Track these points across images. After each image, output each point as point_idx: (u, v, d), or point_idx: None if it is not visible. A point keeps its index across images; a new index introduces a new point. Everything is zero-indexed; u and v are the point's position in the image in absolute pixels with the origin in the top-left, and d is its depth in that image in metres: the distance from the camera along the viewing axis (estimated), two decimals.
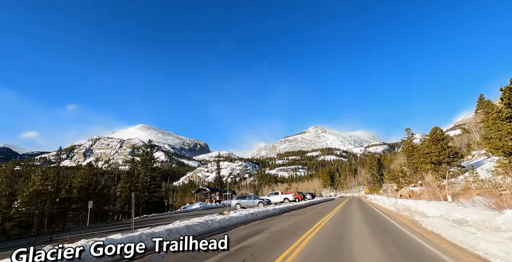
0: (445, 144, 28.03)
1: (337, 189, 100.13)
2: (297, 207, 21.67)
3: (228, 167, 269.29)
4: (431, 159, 27.97)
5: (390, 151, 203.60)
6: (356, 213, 15.26)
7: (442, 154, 27.27)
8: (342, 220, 11.60)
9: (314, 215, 13.97)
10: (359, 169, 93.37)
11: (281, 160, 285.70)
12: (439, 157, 27.42)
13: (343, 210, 18.08)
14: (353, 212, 15.72)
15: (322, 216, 13.08)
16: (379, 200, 30.09)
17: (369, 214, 14.44)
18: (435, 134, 28.86)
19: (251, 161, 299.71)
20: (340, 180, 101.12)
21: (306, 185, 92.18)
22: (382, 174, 61.42)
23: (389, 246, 5.81)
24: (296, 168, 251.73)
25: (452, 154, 27.24)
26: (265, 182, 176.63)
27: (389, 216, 12.62)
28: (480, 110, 59.53)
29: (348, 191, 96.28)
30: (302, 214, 16.01)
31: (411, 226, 8.87)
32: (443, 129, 31.80)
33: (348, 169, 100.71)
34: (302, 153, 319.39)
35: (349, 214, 14.26)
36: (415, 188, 29.33)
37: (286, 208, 19.10)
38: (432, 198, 15.41)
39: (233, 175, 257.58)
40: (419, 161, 32.61)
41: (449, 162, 27.00)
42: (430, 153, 28.24)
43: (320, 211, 18.11)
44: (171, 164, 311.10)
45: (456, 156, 27.20)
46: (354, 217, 12.67)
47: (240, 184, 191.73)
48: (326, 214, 14.56)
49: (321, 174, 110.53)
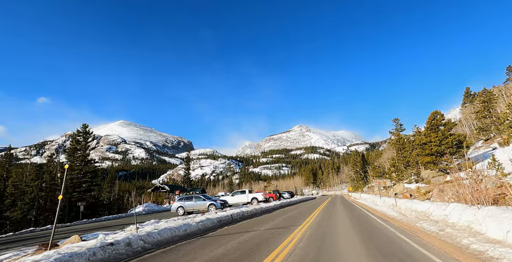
0: (447, 131, 22.88)
1: (320, 187, 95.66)
2: (260, 212, 15.43)
3: (211, 165, 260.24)
4: (430, 149, 22.71)
5: (372, 150, 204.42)
6: (344, 223, 9.13)
7: (443, 143, 22.05)
8: (321, 242, 5.42)
9: (273, 233, 7.70)
10: (342, 166, 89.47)
11: (265, 158, 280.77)
12: (440, 147, 22.19)
13: (324, 216, 12.05)
14: (339, 221, 9.61)
15: (286, 233, 6.82)
16: (367, 199, 24.60)
17: (365, 224, 8.39)
18: (435, 120, 23.65)
19: (235, 159, 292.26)
20: (322, 177, 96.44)
21: (287, 183, 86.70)
22: (366, 171, 57.02)
23: None
24: (280, 166, 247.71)
25: (455, 143, 22.09)
26: (247, 180, 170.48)
27: (405, 233, 6.57)
28: (467, 104, 56.73)
29: (331, 189, 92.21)
30: (256, 226, 9.74)
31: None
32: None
33: (331, 166, 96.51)
34: (286, 151, 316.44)
35: (333, 226, 8.12)
36: (410, 185, 24.00)
37: (240, 214, 12.80)
38: (459, 200, 9.72)
39: (216, 173, 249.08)
40: (414, 153, 27.44)
41: (453, 153, 21.84)
42: (429, 143, 22.98)
43: (291, 218, 12.03)
44: (151, 161, 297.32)
45: (460, 145, 22.08)
46: (343, 233, 6.57)
47: (223, 182, 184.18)
48: (297, 226, 8.39)
49: (303, 172, 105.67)
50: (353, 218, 11.17)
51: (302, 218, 11.92)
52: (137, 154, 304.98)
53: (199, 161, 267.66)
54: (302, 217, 12.42)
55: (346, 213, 13.91)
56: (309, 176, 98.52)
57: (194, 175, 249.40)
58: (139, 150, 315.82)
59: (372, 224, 8.76)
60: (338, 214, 13.09)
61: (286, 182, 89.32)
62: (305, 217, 12.30)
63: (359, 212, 14.16)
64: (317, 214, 13.70)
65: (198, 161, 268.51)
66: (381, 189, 30.45)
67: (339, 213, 13.65)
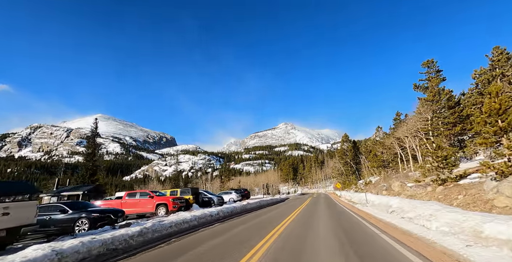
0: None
1: (300, 184, 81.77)
2: None
3: (189, 161, 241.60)
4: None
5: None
6: None
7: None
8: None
9: None
10: (327, 160, 76.23)
11: (248, 155, 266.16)
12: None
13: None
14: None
15: None
16: (379, 205, 10.27)
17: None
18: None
19: (216, 155, 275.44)
20: (304, 172, 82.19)
21: (259, 179, 71.62)
22: (358, 163, 43.51)
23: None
24: (263, 162, 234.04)
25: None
26: (227, 176, 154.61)
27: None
28: None
29: (313, 186, 78.78)
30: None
31: None
32: None
33: (314, 160, 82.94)
34: (270, 148, 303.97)
35: None
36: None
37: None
38: None
39: (195, 169, 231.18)
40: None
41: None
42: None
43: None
44: (127, 157, 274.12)
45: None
46: None
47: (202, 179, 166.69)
48: None
49: (282, 167, 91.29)
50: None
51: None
52: (111, 149, 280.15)
53: (177, 157, 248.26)
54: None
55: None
56: (288, 171, 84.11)
57: (170, 171, 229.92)
58: (114, 145, 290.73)
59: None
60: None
61: (258, 178, 73.90)
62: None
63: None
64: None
65: (176, 156, 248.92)
66: (388, 189, 16.12)
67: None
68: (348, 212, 11.19)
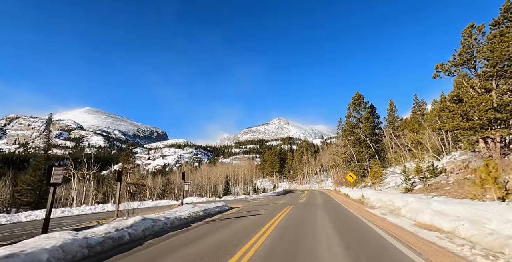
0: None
1: (288, 178, 63.70)
2: None
3: (175, 154, 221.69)
4: None
5: None
6: None
7: None
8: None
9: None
10: (323, 147, 58.41)
11: (238, 148, 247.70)
12: None
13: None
14: None
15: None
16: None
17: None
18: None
19: (204, 149, 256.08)
20: (293, 163, 62.98)
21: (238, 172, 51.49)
22: (379, 141, 25.63)
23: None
24: (253, 156, 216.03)
25: None
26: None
27: None
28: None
29: (305, 181, 61.17)
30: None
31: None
32: None
33: (306, 146, 64.66)
34: (262, 142, 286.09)
35: None
36: None
37: None
38: None
39: (180, 163, 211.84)
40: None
41: None
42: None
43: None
44: (110, 150, 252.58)
45: None
46: None
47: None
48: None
49: (267, 157, 72.42)
50: None
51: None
52: (94, 142, 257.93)
53: (161, 150, 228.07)
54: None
55: None
56: (273, 161, 65.53)
57: (154, 165, 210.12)
58: (97, 137, 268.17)
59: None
60: None
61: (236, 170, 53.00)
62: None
63: None
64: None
65: (160, 149, 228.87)
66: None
67: None
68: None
